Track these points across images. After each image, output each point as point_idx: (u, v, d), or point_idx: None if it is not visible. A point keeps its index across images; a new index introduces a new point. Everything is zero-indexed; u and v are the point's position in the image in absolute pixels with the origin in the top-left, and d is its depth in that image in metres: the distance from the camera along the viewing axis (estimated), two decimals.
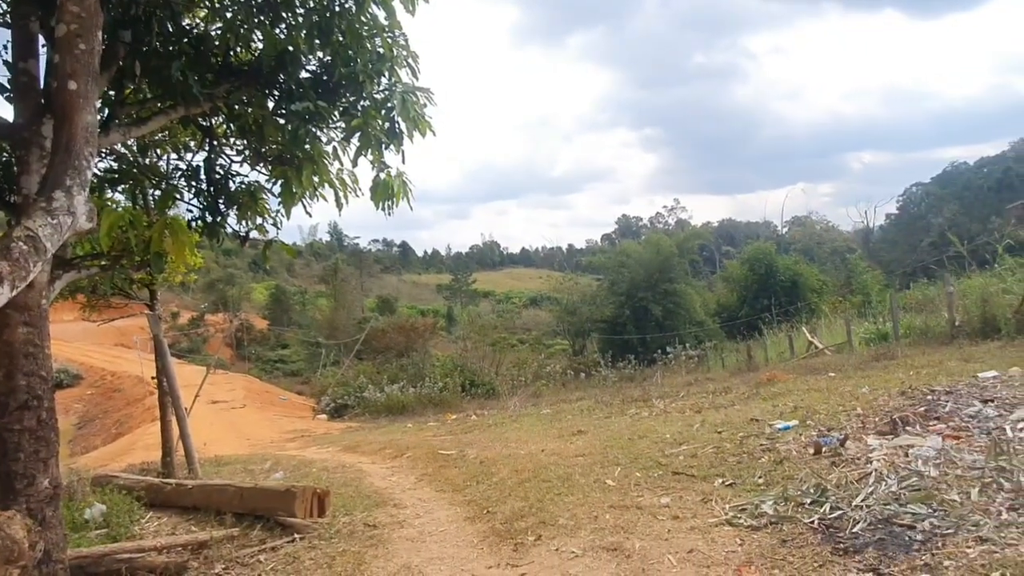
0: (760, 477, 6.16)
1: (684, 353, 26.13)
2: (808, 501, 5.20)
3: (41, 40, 4.30)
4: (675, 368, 24.41)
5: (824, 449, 6.56)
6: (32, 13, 4.21)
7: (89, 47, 3.44)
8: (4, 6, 4.66)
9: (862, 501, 4.95)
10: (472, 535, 5.79)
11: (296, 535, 5.98)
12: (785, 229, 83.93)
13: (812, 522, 4.79)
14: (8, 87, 4.40)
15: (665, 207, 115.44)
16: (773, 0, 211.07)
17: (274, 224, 6.27)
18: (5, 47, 4.46)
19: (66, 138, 3.28)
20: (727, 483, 6.19)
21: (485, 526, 5.96)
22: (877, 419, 7.58)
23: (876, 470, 5.60)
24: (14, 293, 2.80)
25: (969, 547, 3.93)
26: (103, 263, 5.74)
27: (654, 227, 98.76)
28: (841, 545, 4.31)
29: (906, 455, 5.91)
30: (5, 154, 4.92)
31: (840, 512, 4.85)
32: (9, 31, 4.32)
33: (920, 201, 70.36)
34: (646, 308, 39.44)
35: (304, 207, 5.83)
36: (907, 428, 6.89)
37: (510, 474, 7.79)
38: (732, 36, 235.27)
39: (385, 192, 5.60)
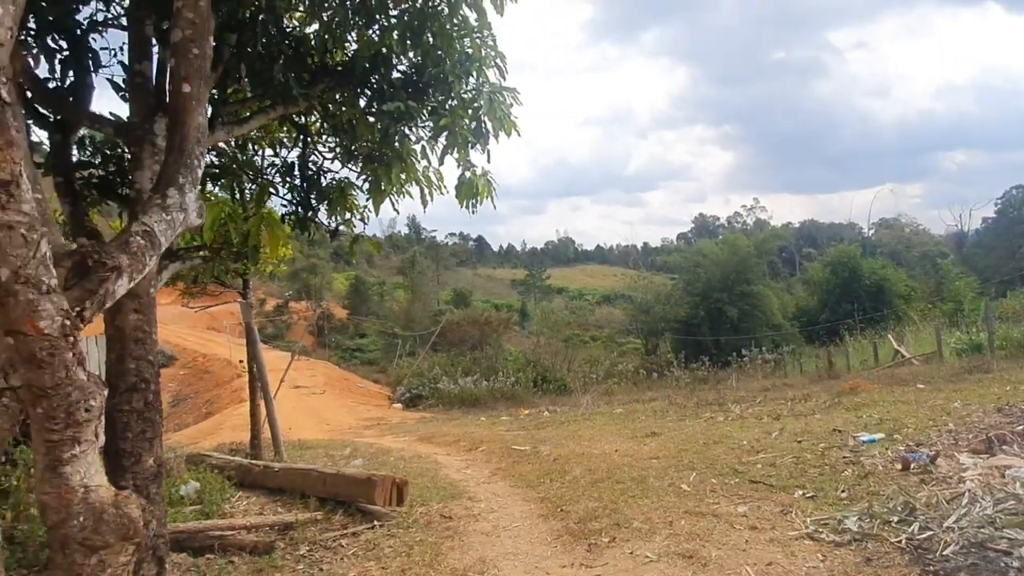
0: (843, 491, 5.97)
1: (760, 357, 25.46)
2: (895, 519, 5.01)
3: (152, 41, 4.57)
4: (751, 372, 23.84)
5: (913, 465, 6.31)
6: (147, 17, 4.47)
7: (202, 51, 3.63)
8: (122, 9, 4.95)
9: (954, 523, 4.73)
10: (546, 533, 5.83)
11: (376, 522, 6.16)
12: (871, 231, 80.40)
13: (899, 541, 4.62)
14: (124, 87, 4.69)
15: (744, 206, 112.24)
16: None
17: (361, 219, 6.47)
18: (121, 49, 4.77)
19: (180, 138, 3.48)
20: (808, 495, 6.03)
21: (559, 524, 5.98)
22: (971, 436, 7.24)
23: (969, 490, 5.34)
24: (132, 284, 3.00)
25: None
26: (205, 254, 6.05)
27: (732, 227, 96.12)
28: (930, 568, 4.14)
29: (1002, 476, 5.63)
30: (120, 150, 5.24)
31: (930, 533, 4.65)
32: (125, 33, 4.61)
33: (1021, 204, 65.93)
34: (721, 309, 38.59)
35: (392, 203, 5.99)
36: (1004, 447, 6.54)
37: (583, 473, 7.79)
38: (813, 31, 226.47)
39: (470, 190, 5.69)
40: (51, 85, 4.58)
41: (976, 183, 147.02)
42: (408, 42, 5.11)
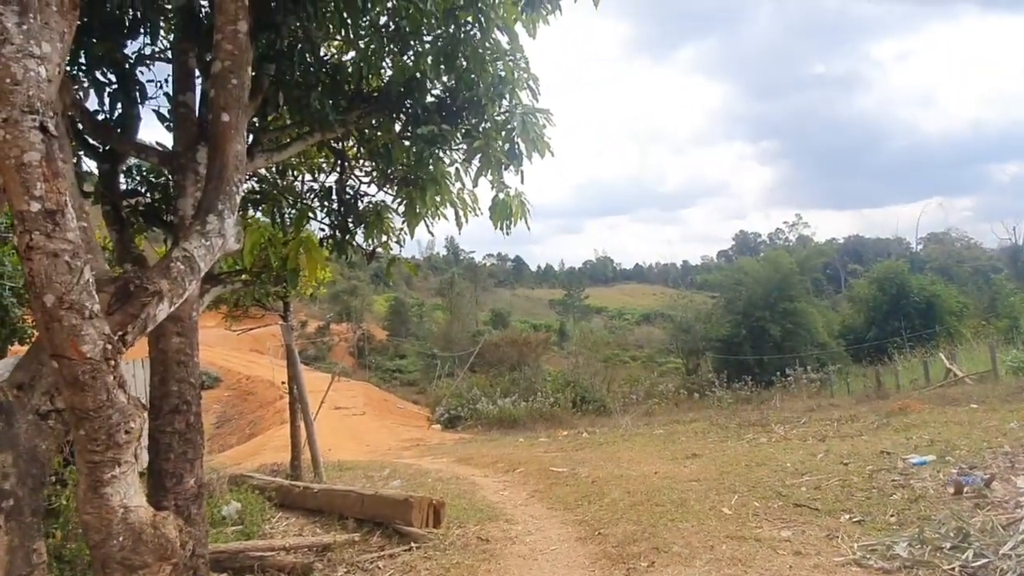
0: (892, 515, 5.78)
1: (805, 376, 24.89)
2: (948, 545, 4.82)
3: (196, 73, 4.73)
4: (795, 392, 23.32)
5: (966, 489, 6.08)
6: (190, 49, 4.63)
7: (240, 82, 3.74)
8: (167, 43, 5.15)
9: (1011, 549, 4.54)
10: (583, 556, 5.75)
11: (412, 544, 6.15)
12: (920, 246, 78.61)
13: (952, 569, 4.45)
14: (169, 118, 4.86)
15: (785, 222, 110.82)
16: (898, 4, 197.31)
17: (398, 242, 6.55)
18: (167, 81, 4.94)
19: (219, 166, 3.58)
20: (855, 519, 5.85)
21: (597, 548, 5.90)
22: None
23: None
24: (173, 308, 3.08)
25: None
26: (245, 278, 6.19)
27: (773, 243, 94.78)
28: None
29: None
30: (164, 178, 5.41)
31: (985, 560, 4.47)
32: (170, 66, 4.78)
33: None
34: (764, 328, 37.99)
35: (427, 226, 6.05)
36: None
37: (622, 496, 7.69)
38: (853, 43, 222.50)
39: (504, 212, 5.73)
40: (100, 117, 4.77)
41: None
42: (442, 67, 5.19)
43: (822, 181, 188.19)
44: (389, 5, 5.12)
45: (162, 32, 5.12)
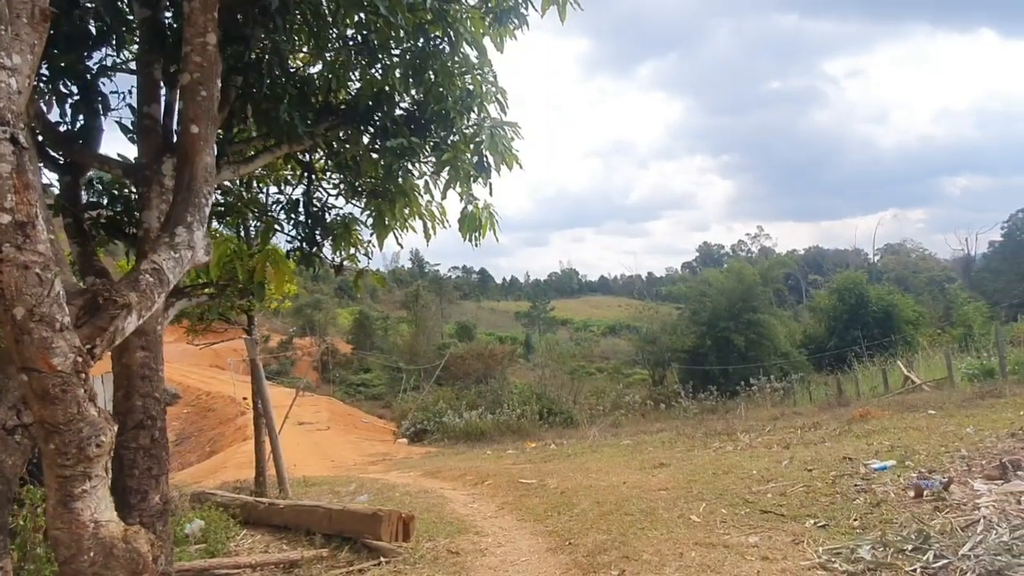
0: (855, 519, 5.90)
1: (769, 385, 25.33)
2: (909, 548, 4.94)
3: (160, 85, 4.68)
4: (759, 401, 23.71)
5: (925, 492, 6.23)
6: (156, 61, 4.59)
7: (209, 94, 3.72)
8: (131, 54, 5.09)
9: (970, 550, 4.67)
10: (554, 567, 5.77)
11: (382, 558, 6.10)
12: (877, 257, 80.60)
13: (914, 570, 4.55)
14: (132, 129, 4.80)
15: (748, 234, 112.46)
16: (851, 23, 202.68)
17: (365, 254, 6.55)
18: (130, 92, 4.89)
19: (188, 177, 3.55)
20: (819, 524, 5.96)
21: (567, 558, 5.92)
22: (984, 462, 7.15)
23: (985, 517, 5.27)
24: (140, 321, 3.04)
25: None
26: (211, 291, 6.11)
27: (736, 255, 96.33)
28: None
29: (1018, 502, 5.56)
30: (127, 191, 5.33)
31: (945, 561, 4.59)
32: (133, 77, 4.73)
33: None
34: (728, 338, 38.51)
35: (395, 238, 6.06)
36: (1018, 473, 6.46)
37: (591, 506, 7.73)
38: (808, 61, 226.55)
39: (472, 224, 5.78)
40: (62, 129, 4.69)
41: (980, 207, 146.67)
42: (410, 80, 5.23)
43: (782, 194, 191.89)
44: (357, 18, 5.14)
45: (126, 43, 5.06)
